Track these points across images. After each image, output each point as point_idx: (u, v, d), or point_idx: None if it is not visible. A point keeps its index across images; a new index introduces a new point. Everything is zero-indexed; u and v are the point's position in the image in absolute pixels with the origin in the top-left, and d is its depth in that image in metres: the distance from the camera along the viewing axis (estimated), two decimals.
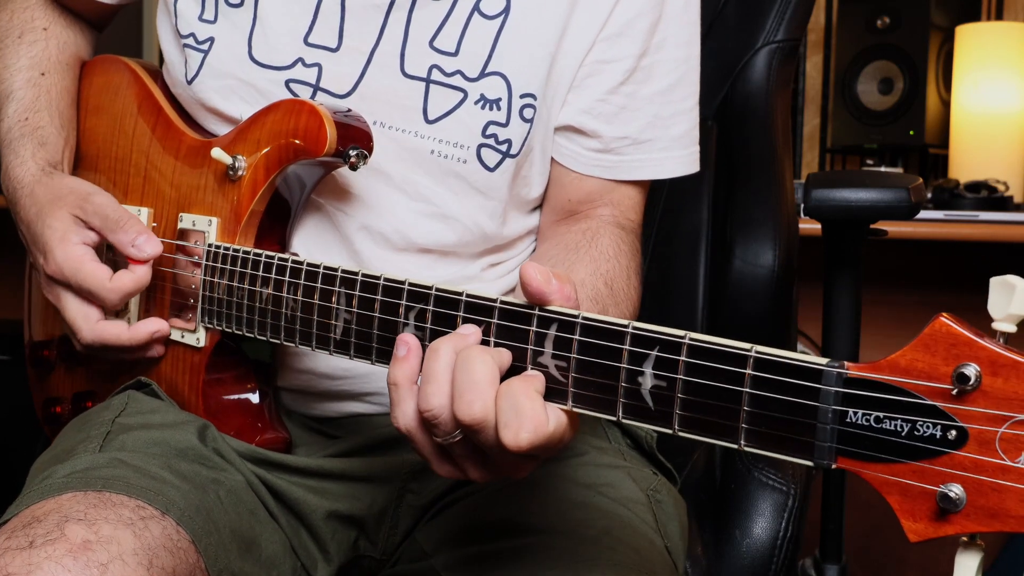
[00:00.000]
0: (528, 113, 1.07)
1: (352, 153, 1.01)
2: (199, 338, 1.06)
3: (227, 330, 1.03)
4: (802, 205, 1.50)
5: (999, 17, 2.88)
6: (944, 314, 0.62)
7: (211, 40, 1.10)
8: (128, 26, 3.38)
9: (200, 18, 1.11)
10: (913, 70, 2.68)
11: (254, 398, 1.10)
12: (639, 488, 1.09)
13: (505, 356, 0.77)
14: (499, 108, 1.06)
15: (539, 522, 1.00)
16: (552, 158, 1.14)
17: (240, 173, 1.05)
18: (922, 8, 2.67)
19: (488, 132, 1.07)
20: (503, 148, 1.07)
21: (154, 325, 1.07)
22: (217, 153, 1.05)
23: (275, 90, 1.08)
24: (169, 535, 0.88)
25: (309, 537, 1.08)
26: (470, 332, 0.79)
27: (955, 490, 0.61)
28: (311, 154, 1.01)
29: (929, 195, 2.40)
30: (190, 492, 0.94)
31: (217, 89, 1.10)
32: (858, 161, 2.94)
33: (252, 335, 1.00)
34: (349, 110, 1.05)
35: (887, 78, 2.74)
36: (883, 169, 2.64)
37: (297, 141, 1.01)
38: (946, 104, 2.73)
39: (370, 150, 1.03)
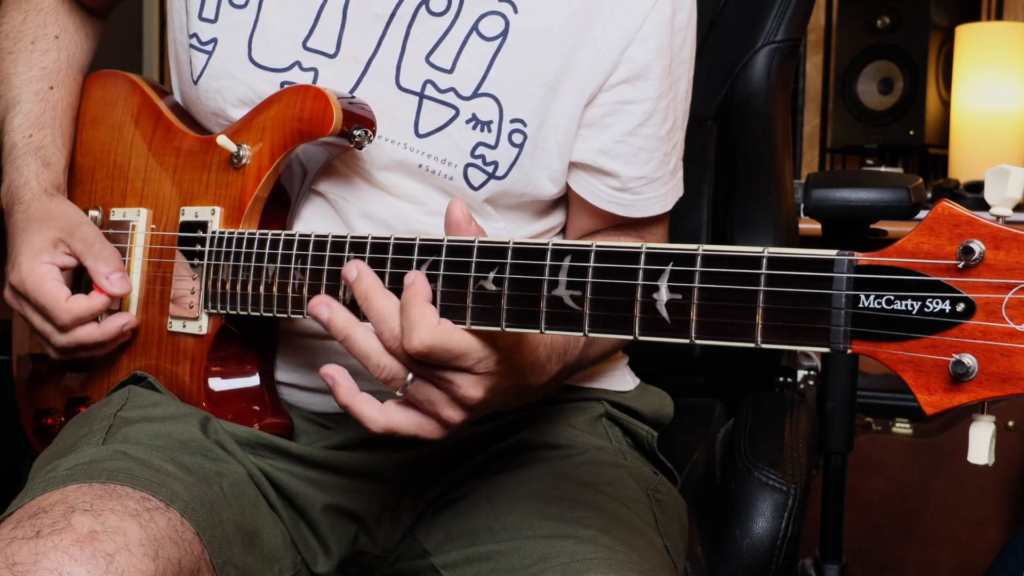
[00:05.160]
0: (517, 138, 1.08)
1: (356, 133, 1.02)
2: (202, 325, 1.07)
3: (232, 312, 1.04)
4: (802, 205, 1.50)
5: (999, 17, 2.88)
6: (945, 199, 0.66)
7: (215, 41, 1.11)
8: (128, 40, 3.38)
9: (200, 16, 1.11)
10: (913, 70, 2.68)
11: (254, 382, 1.11)
12: (639, 487, 1.09)
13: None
14: (489, 130, 1.07)
15: (539, 521, 1.00)
16: (571, 189, 1.14)
17: (244, 161, 1.06)
18: (922, 8, 2.67)
19: (476, 152, 1.07)
20: (489, 169, 1.08)
21: (123, 319, 1.11)
22: (223, 140, 1.07)
23: (271, 91, 1.08)
24: (174, 527, 0.89)
25: (309, 531, 1.08)
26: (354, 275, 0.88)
27: (967, 358, 0.64)
28: (317, 135, 1.02)
29: (929, 195, 2.40)
30: (194, 484, 0.95)
31: (219, 90, 1.11)
32: (858, 161, 2.94)
33: (259, 313, 1.02)
34: (352, 96, 1.06)
35: (887, 78, 2.74)
36: (883, 169, 2.64)
37: (303, 124, 1.03)
38: (946, 104, 2.73)
39: (374, 131, 1.04)
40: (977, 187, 2.39)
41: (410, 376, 0.87)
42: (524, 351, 0.92)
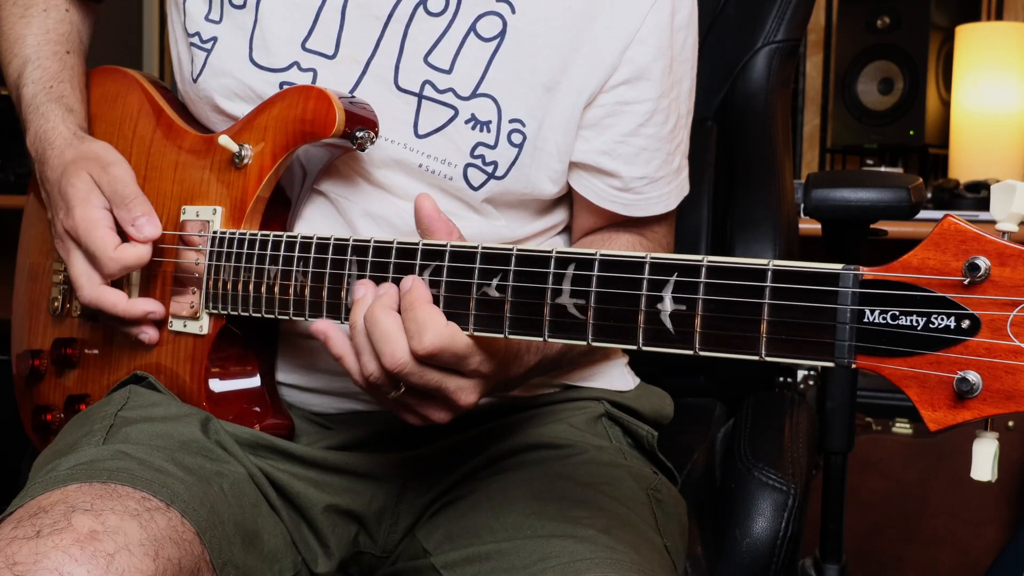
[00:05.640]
0: (516, 138, 1.08)
1: (359, 135, 1.02)
2: (203, 325, 1.07)
3: (232, 313, 1.04)
4: (802, 205, 1.50)
5: (999, 17, 2.88)
6: (951, 214, 0.66)
7: (214, 40, 1.11)
8: (128, 40, 3.38)
9: (207, 18, 1.12)
10: (913, 70, 2.68)
11: (255, 383, 1.11)
12: (639, 487, 1.09)
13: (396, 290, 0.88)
14: (489, 130, 1.07)
15: (539, 521, 1.00)
16: (573, 188, 1.14)
17: (246, 161, 1.06)
18: (922, 8, 2.67)
19: (476, 152, 1.07)
20: (489, 169, 1.08)
21: (151, 305, 1.09)
22: (224, 140, 1.07)
23: (270, 92, 1.08)
24: (175, 527, 0.89)
25: (309, 531, 1.08)
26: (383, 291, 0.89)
27: (971, 376, 0.64)
28: (319, 136, 1.02)
29: (929, 195, 2.39)
30: (194, 485, 0.95)
31: (218, 88, 1.11)
32: (858, 161, 2.94)
33: (259, 314, 1.02)
34: (354, 97, 1.06)
35: (887, 78, 2.74)
36: (883, 169, 2.64)
37: (305, 125, 1.03)
38: (946, 104, 2.73)
39: (377, 132, 1.04)
40: (977, 187, 2.39)
41: (402, 387, 0.89)
42: (508, 343, 0.93)
